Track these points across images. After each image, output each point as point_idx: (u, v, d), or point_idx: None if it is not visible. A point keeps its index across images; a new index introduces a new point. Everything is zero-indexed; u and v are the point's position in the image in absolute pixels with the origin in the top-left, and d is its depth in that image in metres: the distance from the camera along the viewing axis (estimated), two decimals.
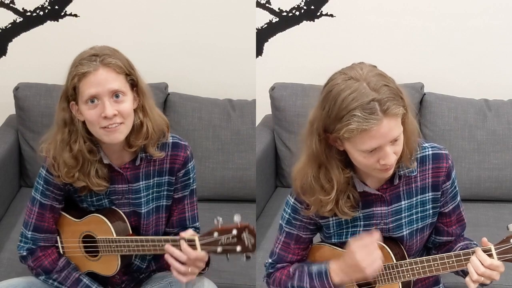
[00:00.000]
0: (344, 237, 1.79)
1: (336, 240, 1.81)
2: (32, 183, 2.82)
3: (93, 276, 1.98)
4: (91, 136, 1.83)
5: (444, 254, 1.68)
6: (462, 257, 1.65)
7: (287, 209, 1.82)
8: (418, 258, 1.72)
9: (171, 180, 1.94)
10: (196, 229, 2.01)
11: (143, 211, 1.92)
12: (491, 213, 2.70)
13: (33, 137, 2.81)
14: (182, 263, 1.76)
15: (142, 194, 1.92)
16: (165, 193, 1.95)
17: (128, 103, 1.79)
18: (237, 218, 1.71)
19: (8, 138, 2.83)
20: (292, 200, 1.80)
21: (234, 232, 1.71)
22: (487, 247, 1.62)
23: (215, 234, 1.72)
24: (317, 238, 1.91)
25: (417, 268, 1.71)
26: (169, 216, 2.00)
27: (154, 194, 1.94)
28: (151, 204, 1.94)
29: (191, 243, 1.75)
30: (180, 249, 1.76)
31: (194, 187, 2.00)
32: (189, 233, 1.79)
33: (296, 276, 1.81)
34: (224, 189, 2.82)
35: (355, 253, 1.66)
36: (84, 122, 1.81)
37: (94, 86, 1.74)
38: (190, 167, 1.96)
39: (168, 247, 1.78)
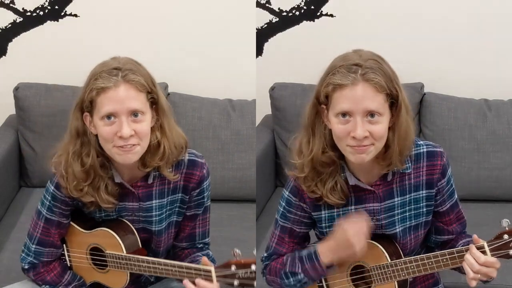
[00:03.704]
0: None
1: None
2: (32, 183, 2.85)
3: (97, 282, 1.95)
4: (104, 150, 1.75)
5: (438, 252, 1.69)
6: (456, 255, 1.65)
7: (282, 202, 1.83)
8: (412, 257, 1.72)
9: (184, 198, 1.87)
10: (206, 245, 1.97)
11: (154, 229, 1.86)
12: (491, 213, 2.70)
13: (33, 137, 2.81)
14: None
15: (154, 213, 1.85)
16: (176, 209, 1.89)
17: (146, 122, 1.70)
18: (256, 253, 1.65)
19: (8, 138, 2.83)
20: (287, 193, 1.80)
21: (253, 267, 1.61)
22: (480, 244, 1.62)
23: (233, 267, 1.62)
24: (314, 238, 1.91)
25: (412, 267, 1.71)
26: (179, 230, 1.94)
27: (168, 213, 1.87)
28: (164, 223, 1.87)
29: (206, 273, 1.66)
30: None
31: (208, 204, 1.93)
32: (205, 262, 1.70)
33: (288, 262, 1.82)
34: (224, 189, 2.82)
35: (347, 230, 1.68)
36: (97, 135, 1.73)
37: (113, 103, 1.65)
38: (205, 186, 1.87)
39: (187, 283, 1.68)
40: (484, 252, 1.61)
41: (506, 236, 1.59)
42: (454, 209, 1.81)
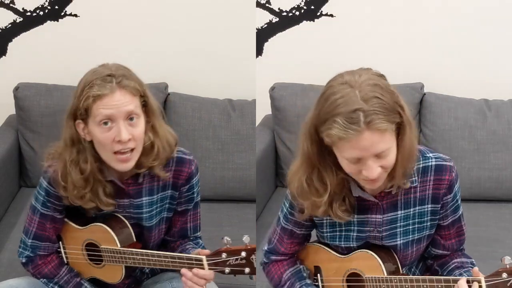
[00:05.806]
0: (337, 240, 1.78)
1: (329, 242, 1.80)
2: (32, 183, 2.85)
3: (94, 278, 1.97)
4: (98, 154, 1.78)
5: (434, 277, 1.65)
6: (451, 284, 1.61)
7: (286, 203, 1.82)
8: (408, 277, 1.69)
9: (174, 194, 1.91)
10: (197, 238, 2.00)
11: (145, 225, 1.90)
12: (491, 213, 2.70)
13: (33, 137, 2.81)
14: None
15: (145, 210, 1.88)
16: (167, 206, 1.93)
17: (141, 126, 1.75)
18: (246, 239, 1.67)
19: (8, 138, 2.83)
20: (290, 196, 1.79)
21: (243, 254, 1.66)
22: (477, 278, 1.57)
23: (224, 255, 1.68)
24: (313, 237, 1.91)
25: (406, 286, 1.67)
26: (170, 226, 1.97)
27: (158, 209, 1.91)
28: (154, 219, 1.91)
29: (198, 263, 1.71)
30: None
31: (198, 199, 1.97)
32: (196, 252, 1.76)
33: (287, 285, 1.84)
34: (224, 189, 2.82)
35: None
36: (91, 142, 1.77)
37: (110, 108, 1.69)
38: (194, 182, 1.92)
39: (186, 272, 1.72)
40: (480, 287, 1.56)
41: (504, 275, 1.52)
42: (455, 225, 1.77)
